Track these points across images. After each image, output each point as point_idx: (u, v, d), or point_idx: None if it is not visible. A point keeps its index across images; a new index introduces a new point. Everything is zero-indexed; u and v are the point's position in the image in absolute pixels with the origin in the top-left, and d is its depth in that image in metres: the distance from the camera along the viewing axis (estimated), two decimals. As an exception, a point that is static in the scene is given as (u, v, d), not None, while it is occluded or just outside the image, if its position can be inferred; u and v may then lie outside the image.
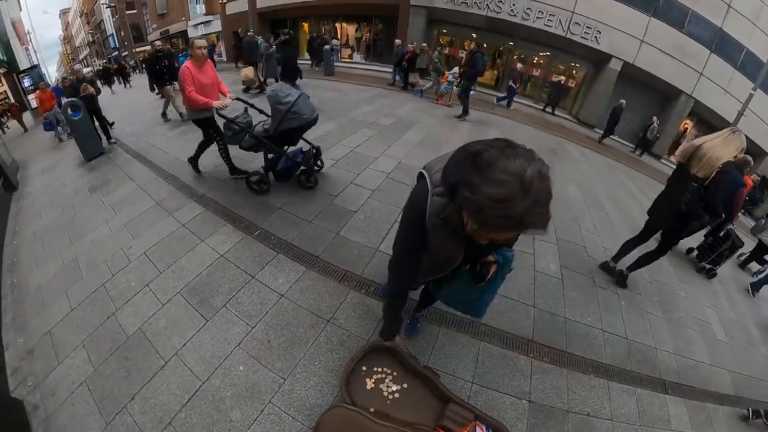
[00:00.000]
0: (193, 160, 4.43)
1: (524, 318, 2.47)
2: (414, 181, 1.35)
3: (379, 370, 1.88)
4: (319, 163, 4.25)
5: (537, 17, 11.90)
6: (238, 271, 2.79)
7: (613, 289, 3.01)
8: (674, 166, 2.71)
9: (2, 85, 16.28)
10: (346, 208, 3.65)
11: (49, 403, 2.17)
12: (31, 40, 22.02)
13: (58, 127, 8.22)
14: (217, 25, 20.99)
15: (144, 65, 16.31)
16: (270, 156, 3.74)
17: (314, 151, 4.01)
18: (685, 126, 13.82)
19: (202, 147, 4.29)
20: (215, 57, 16.98)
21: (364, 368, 1.87)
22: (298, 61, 9.21)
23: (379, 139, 5.82)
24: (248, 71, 9.07)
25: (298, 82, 8.90)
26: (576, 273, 3.05)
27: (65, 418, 2.07)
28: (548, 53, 13.33)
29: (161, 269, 2.91)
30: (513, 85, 11.36)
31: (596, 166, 7.52)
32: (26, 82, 14.83)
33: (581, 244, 3.57)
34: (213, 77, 3.74)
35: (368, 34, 16.03)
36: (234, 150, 3.99)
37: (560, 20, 11.77)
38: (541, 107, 12.83)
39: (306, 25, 17.77)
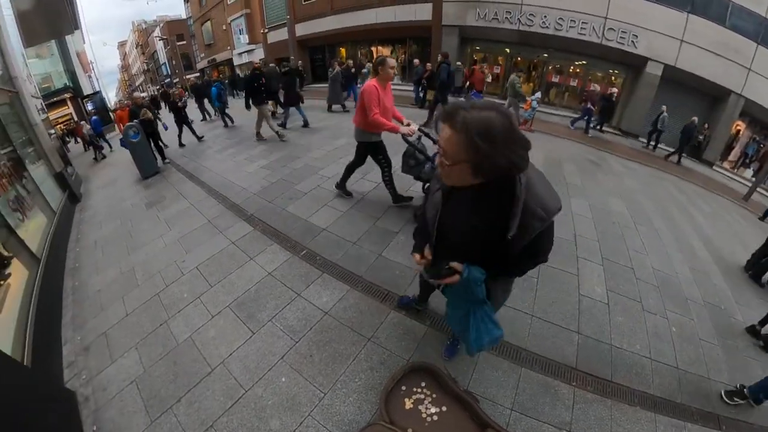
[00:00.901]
0: (341, 185, 4.35)
1: (567, 344, 2.38)
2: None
3: (419, 390, 1.90)
4: None
5: (570, 27, 11.61)
6: (285, 289, 2.92)
7: (663, 314, 2.84)
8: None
9: (68, 107, 18.21)
10: (388, 229, 3.73)
11: (99, 396, 2.35)
12: (93, 69, 24.43)
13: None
14: (259, 53, 22.45)
15: (228, 84, 17.81)
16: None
17: None
18: (738, 128, 12.70)
19: (351, 169, 4.15)
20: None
21: (403, 388, 1.90)
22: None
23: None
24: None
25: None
26: (623, 297, 2.90)
27: (113, 412, 2.22)
28: (584, 62, 12.93)
29: (212, 283, 3.10)
30: (590, 107, 10.50)
31: (642, 178, 7.12)
32: (89, 106, 16.41)
33: (628, 265, 3.40)
34: (392, 101, 3.48)
35: (403, 56, 16.37)
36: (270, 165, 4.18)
37: (594, 27, 11.40)
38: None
39: (343, 50, 18.52)
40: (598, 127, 11.14)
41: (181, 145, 8.43)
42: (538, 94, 8.85)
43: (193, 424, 2.03)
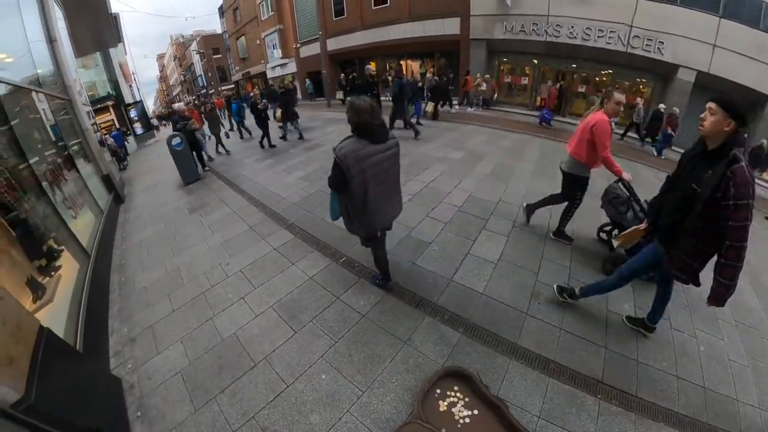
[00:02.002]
0: (561, 232, 3.87)
1: (594, 358, 2.45)
2: (485, 215, 1.60)
3: (452, 394, 2.03)
4: None
5: (597, 36, 11.54)
6: (325, 292, 3.12)
7: (692, 333, 2.84)
8: None
9: (110, 114, 19.54)
10: (421, 240, 3.90)
11: (144, 385, 2.49)
12: (134, 79, 26.07)
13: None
14: (292, 67, 23.63)
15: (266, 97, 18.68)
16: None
17: None
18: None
19: (569, 214, 3.70)
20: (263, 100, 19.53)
21: (438, 391, 2.05)
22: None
23: (450, 173, 6.01)
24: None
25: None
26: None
27: (158, 399, 2.36)
28: (611, 71, 12.74)
29: (256, 285, 3.34)
30: (671, 132, 10.22)
31: None
32: (132, 114, 17.57)
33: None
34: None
35: (432, 70, 16.71)
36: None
37: (619, 36, 11.27)
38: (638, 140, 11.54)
39: (373, 64, 19.00)
40: (648, 140, 11.01)
41: (271, 146, 9.01)
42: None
43: (235, 415, 2.16)
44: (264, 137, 9.08)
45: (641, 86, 12.77)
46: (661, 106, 10.73)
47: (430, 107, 11.11)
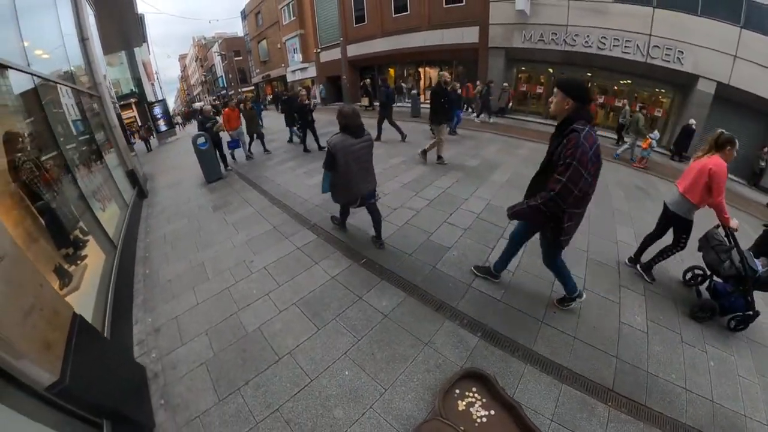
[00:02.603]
0: (649, 267, 3.70)
1: (606, 367, 2.53)
2: (503, 223, 2.18)
3: (470, 394, 2.15)
4: None
5: (613, 45, 11.48)
6: (347, 292, 3.25)
7: (702, 348, 2.90)
8: None
9: (133, 111, 20.23)
10: (441, 244, 4.01)
11: (168, 374, 2.57)
12: (156, 78, 26.89)
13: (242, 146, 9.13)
14: (312, 71, 24.09)
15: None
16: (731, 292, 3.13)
17: None
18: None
19: (667, 254, 3.59)
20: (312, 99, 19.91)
21: (457, 391, 2.17)
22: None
23: (467, 180, 6.12)
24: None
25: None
26: (663, 327, 2.99)
27: (182, 388, 2.43)
28: (629, 81, 12.66)
29: (280, 283, 3.48)
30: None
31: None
32: (156, 111, 18.20)
33: (670, 297, 3.46)
34: None
35: (450, 77, 16.88)
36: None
37: (638, 45, 11.16)
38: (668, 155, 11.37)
39: (392, 71, 19.43)
40: (676, 158, 10.77)
41: (320, 148, 8.66)
42: (657, 133, 8.86)
43: (259, 406, 2.23)
44: (301, 139, 9.23)
45: (660, 97, 12.66)
46: (692, 121, 10.44)
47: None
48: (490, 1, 13.15)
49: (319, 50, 22.13)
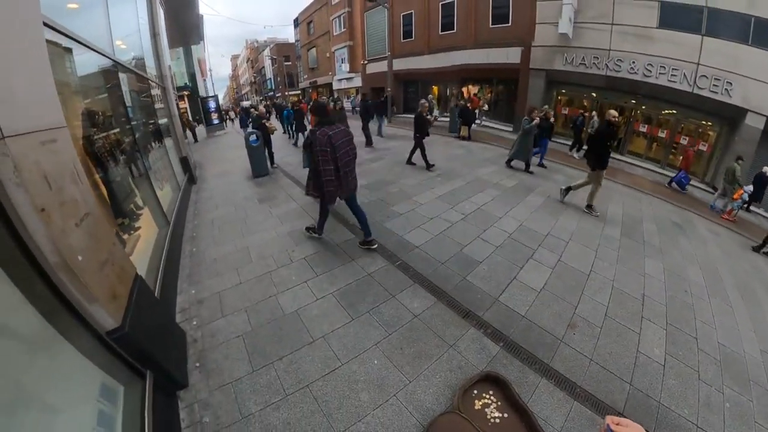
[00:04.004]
0: None
1: (618, 391, 2.64)
2: (533, 244, 2.45)
3: (487, 396, 2.36)
4: None
5: (659, 73, 11.06)
6: (381, 289, 3.53)
7: (719, 388, 2.92)
8: None
9: (185, 103, 21.79)
10: (472, 258, 4.23)
11: (207, 341, 2.80)
12: (209, 75, 28.72)
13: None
14: (357, 82, 25.19)
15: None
16: None
17: None
18: None
19: None
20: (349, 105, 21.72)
21: (475, 391, 2.38)
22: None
23: (503, 199, 6.27)
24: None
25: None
26: (680, 362, 3.04)
27: (218, 355, 2.64)
28: (674, 111, 12.14)
29: (318, 273, 3.79)
30: None
31: (729, 247, 6.64)
32: (209, 105, 19.55)
33: (692, 334, 3.48)
34: None
35: (489, 95, 17.09)
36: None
37: (685, 74, 10.68)
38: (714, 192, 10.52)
39: (435, 88, 19.90)
40: (745, 205, 9.67)
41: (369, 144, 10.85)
42: (750, 187, 8.62)
43: (291, 381, 2.43)
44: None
45: (706, 129, 12.13)
46: (766, 168, 9.37)
47: (464, 131, 12.23)
48: (536, 23, 13.20)
49: (366, 62, 23.00)
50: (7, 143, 1.36)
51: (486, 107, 16.35)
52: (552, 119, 9.34)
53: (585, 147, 11.01)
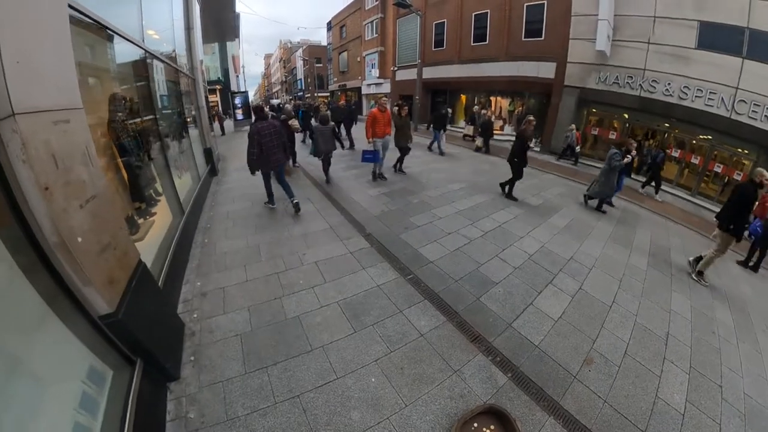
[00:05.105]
0: None
1: None
2: (554, 269, 2.43)
3: (487, 430, 2.20)
4: None
5: (696, 96, 10.52)
6: (389, 303, 3.40)
7: None
8: None
9: (216, 96, 22.49)
10: (488, 278, 4.05)
11: (204, 336, 2.80)
12: (242, 71, 29.63)
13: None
14: (386, 87, 25.24)
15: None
16: None
17: None
18: None
19: None
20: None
21: (475, 424, 2.23)
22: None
23: (524, 218, 6.05)
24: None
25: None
26: (701, 413, 2.79)
27: (213, 352, 2.60)
28: (709, 136, 11.36)
29: (326, 279, 3.72)
30: None
31: (761, 286, 6.17)
32: (237, 101, 20.18)
33: (717, 381, 3.20)
34: None
35: (520, 109, 16.79)
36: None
37: (722, 98, 10.10)
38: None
39: (464, 97, 19.75)
40: None
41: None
42: None
43: (282, 389, 2.34)
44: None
45: (741, 158, 11.40)
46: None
47: (479, 141, 12.58)
48: (570, 38, 12.89)
49: (395, 68, 23.01)
50: (17, 120, 1.35)
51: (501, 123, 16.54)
52: (634, 152, 7.81)
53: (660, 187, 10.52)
